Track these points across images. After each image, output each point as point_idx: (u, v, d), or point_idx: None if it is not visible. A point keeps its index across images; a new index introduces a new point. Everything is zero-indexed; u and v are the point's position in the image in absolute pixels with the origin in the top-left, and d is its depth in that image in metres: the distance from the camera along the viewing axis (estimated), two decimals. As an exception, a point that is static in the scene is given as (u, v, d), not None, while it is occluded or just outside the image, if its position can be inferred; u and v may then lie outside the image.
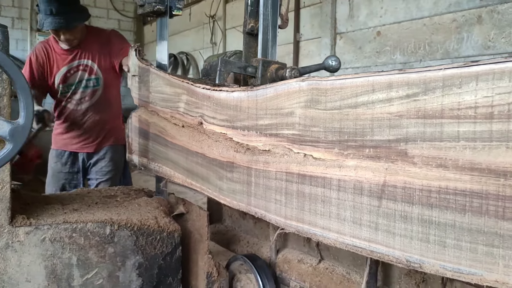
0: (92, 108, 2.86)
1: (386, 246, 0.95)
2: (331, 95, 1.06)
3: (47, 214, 1.66)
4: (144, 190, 2.18)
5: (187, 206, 1.96)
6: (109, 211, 1.75)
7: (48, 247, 1.59)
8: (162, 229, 1.73)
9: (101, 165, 2.93)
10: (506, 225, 0.76)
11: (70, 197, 1.98)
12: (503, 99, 0.75)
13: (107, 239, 1.65)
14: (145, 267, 1.71)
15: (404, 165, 0.91)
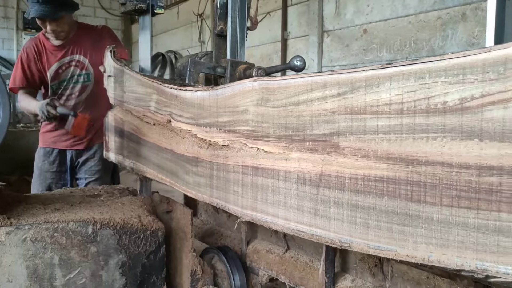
0: (82, 103, 2.87)
1: (323, 229, 1.08)
2: (278, 94, 1.19)
3: (28, 214, 1.66)
4: (128, 189, 2.20)
5: (171, 204, 1.99)
6: (92, 210, 1.77)
7: (29, 247, 1.58)
8: (146, 227, 1.74)
9: (90, 164, 2.93)
10: (413, 207, 0.89)
11: (52, 197, 2.00)
12: (410, 97, 0.88)
13: (90, 238, 1.65)
14: (128, 266, 1.72)
15: (336, 156, 1.04)
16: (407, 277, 1.43)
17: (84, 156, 2.97)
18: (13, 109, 8.44)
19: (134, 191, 2.17)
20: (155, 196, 2.03)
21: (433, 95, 0.84)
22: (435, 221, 0.85)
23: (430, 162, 0.85)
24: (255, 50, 8.72)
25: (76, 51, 2.84)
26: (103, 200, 1.97)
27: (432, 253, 0.86)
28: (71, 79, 2.85)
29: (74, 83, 2.85)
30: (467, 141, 0.79)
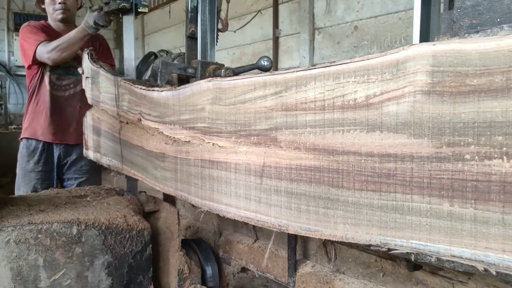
0: (75, 96, 2.92)
1: (266, 215, 1.23)
2: (229, 93, 1.33)
3: (12, 216, 1.68)
4: (115, 189, 2.24)
5: (158, 204, 2.04)
6: (77, 211, 1.78)
7: (13, 249, 1.59)
8: (131, 227, 1.77)
9: (81, 163, 2.96)
10: (334, 191, 1.03)
11: (38, 198, 2.02)
12: (330, 95, 1.03)
13: (74, 239, 1.67)
14: (114, 266, 1.74)
15: (275, 149, 1.18)
16: (359, 261, 1.57)
17: (74, 155, 2.97)
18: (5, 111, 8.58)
19: (121, 191, 2.22)
20: (142, 196, 2.09)
21: (346, 93, 0.99)
22: (350, 203, 1.00)
23: (345, 152, 1.00)
24: (247, 48, 8.86)
25: None
26: (89, 200, 1.99)
27: (348, 231, 1.01)
28: (68, 70, 2.91)
29: (71, 75, 2.91)
30: (372, 132, 0.94)
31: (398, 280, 1.47)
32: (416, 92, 0.85)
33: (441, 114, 0.82)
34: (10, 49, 9.53)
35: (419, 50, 0.85)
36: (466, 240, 0.80)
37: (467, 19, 1.05)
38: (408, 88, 0.86)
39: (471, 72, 0.77)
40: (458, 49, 0.79)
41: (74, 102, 2.92)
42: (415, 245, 0.88)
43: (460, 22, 1.06)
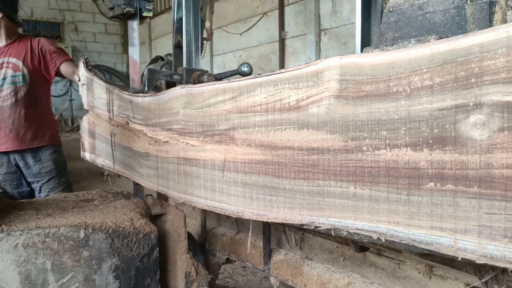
0: (18, 103, 3.16)
1: (227, 203, 1.47)
2: (198, 98, 1.58)
3: (19, 220, 1.76)
4: (122, 193, 2.35)
5: (165, 207, 2.12)
6: (84, 214, 1.86)
7: (21, 253, 1.66)
8: (138, 230, 1.83)
9: (39, 167, 3.20)
10: (276, 181, 1.27)
11: (45, 202, 2.12)
12: (271, 99, 1.27)
13: (82, 242, 1.73)
14: (122, 269, 1.80)
15: (233, 146, 1.43)
16: (324, 248, 1.81)
17: (29, 158, 3.20)
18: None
19: (128, 195, 2.32)
20: (149, 199, 2.20)
21: (283, 97, 1.23)
22: (287, 190, 1.24)
23: (283, 147, 1.24)
24: (253, 50, 9.12)
25: (10, 54, 3.18)
26: (96, 204, 2.10)
27: (286, 214, 1.24)
28: (4, 80, 3.15)
29: (10, 84, 3.16)
30: (301, 130, 1.18)
31: (355, 264, 1.70)
32: (330, 96, 1.09)
33: (347, 114, 1.06)
34: None
35: (331, 62, 1.08)
36: (365, 216, 1.03)
37: (391, 32, 1.29)
38: (325, 93, 1.10)
39: (365, 80, 1.01)
40: (356, 62, 1.02)
41: (18, 109, 3.16)
42: (332, 222, 1.11)
43: (386, 35, 1.30)
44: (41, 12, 10.56)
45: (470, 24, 1.14)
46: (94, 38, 11.80)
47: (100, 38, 11.27)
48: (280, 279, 1.92)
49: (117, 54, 11.84)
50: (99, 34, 11.38)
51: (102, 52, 11.91)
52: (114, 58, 12.06)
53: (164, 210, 2.11)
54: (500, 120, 0.78)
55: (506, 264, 0.79)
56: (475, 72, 0.81)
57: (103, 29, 11.15)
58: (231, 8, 9.07)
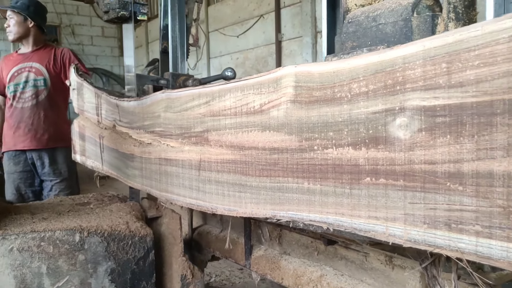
0: (38, 105, 3.51)
1: (203, 200, 1.62)
2: (176, 102, 1.73)
3: (15, 224, 1.80)
4: (118, 196, 2.43)
5: (161, 209, 2.18)
6: (80, 218, 1.90)
7: (16, 257, 1.69)
8: (134, 233, 1.87)
9: (54, 167, 3.52)
10: (244, 178, 1.42)
11: (41, 206, 2.18)
12: (239, 103, 1.41)
13: (77, 246, 1.76)
14: (117, 272, 1.83)
15: (207, 147, 1.57)
16: (300, 243, 1.95)
17: (46, 158, 3.53)
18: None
19: (124, 198, 2.40)
20: (144, 202, 2.27)
21: (249, 102, 1.37)
22: (253, 187, 1.38)
23: (250, 147, 1.38)
24: (250, 53, 9.27)
25: (34, 59, 3.52)
26: (92, 207, 2.15)
27: (253, 209, 1.39)
28: (27, 83, 3.50)
29: (32, 87, 3.49)
30: (264, 132, 1.32)
31: (328, 257, 1.85)
32: (287, 101, 1.24)
33: (301, 117, 1.20)
34: None
35: (288, 70, 1.23)
36: (317, 208, 1.18)
37: (350, 41, 1.44)
38: (283, 98, 1.25)
39: (315, 87, 1.15)
40: (308, 70, 1.17)
41: (38, 110, 3.49)
42: (290, 215, 1.26)
43: (346, 44, 1.45)
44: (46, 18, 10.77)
45: (416, 35, 1.29)
46: (91, 41, 11.98)
47: (97, 41, 11.46)
48: (259, 274, 2.06)
49: (114, 57, 12.02)
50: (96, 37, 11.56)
51: (99, 55, 12.10)
52: (111, 61, 12.25)
53: (160, 213, 2.17)
54: (419, 122, 0.93)
55: (426, 247, 0.94)
56: (400, 80, 0.96)
57: (100, 32, 11.34)
58: (228, 10, 9.22)
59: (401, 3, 1.33)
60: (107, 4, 2.35)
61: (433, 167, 0.91)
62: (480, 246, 0.85)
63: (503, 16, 0.81)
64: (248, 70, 9.08)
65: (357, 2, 1.54)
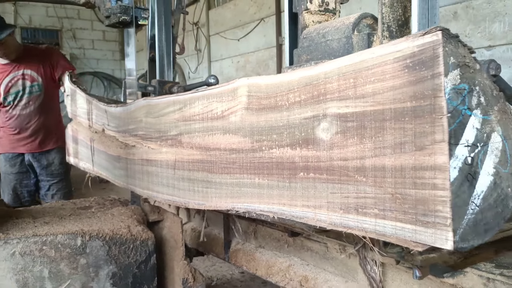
0: (35, 111, 3.74)
1: (177, 197, 1.87)
2: (155, 108, 1.99)
3: (17, 228, 1.85)
4: (119, 200, 2.52)
5: (162, 213, 2.26)
6: (81, 222, 1.96)
7: (18, 261, 1.74)
8: (135, 237, 1.92)
9: (51, 169, 3.80)
10: (210, 175, 1.67)
11: (43, 210, 2.25)
12: (205, 109, 1.67)
13: (79, 250, 1.81)
14: (119, 276, 1.88)
15: (181, 149, 1.83)
16: (273, 237, 2.20)
17: (44, 160, 3.79)
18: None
19: (125, 202, 2.48)
20: (146, 206, 2.36)
21: (213, 109, 1.63)
22: (217, 183, 1.63)
23: (214, 148, 1.63)
24: (251, 56, 9.53)
25: (25, 67, 3.71)
26: (94, 211, 2.23)
27: (217, 202, 1.64)
28: (24, 91, 3.73)
29: (29, 94, 3.74)
30: (225, 135, 1.58)
31: (296, 249, 2.09)
32: (242, 108, 1.49)
33: (253, 122, 1.45)
34: None
35: (242, 82, 1.48)
36: (265, 200, 1.43)
37: (305, 55, 1.69)
38: (239, 106, 1.50)
39: (262, 96, 1.41)
40: (257, 82, 1.42)
41: (35, 116, 3.74)
42: (246, 207, 1.51)
43: (301, 57, 1.71)
44: (39, 20, 11.13)
45: (356, 50, 1.54)
46: (92, 45, 12.33)
47: (98, 45, 11.82)
48: (237, 265, 2.31)
49: (115, 60, 12.37)
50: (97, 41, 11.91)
51: (100, 59, 12.46)
52: (112, 65, 12.60)
53: (161, 216, 2.26)
54: (336, 126, 1.18)
55: (342, 228, 1.18)
56: (322, 92, 1.21)
57: (101, 36, 11.69)
58: (229, 14, 9.48)
59: (344, 22, 1.58)
60: (108, 9, 2.47)
61: (346, 163, 1.16)
62: (378, 226, 1.09)
63: (389, 42, 1.06)
64: (249, 73, 9.34)
65: (314, 19, 1.79)
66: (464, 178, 0.97)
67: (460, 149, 0.96)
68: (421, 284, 1.62)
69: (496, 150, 1.03)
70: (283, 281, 2.05)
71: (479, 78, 1.00)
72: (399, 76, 1.02)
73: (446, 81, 0.94)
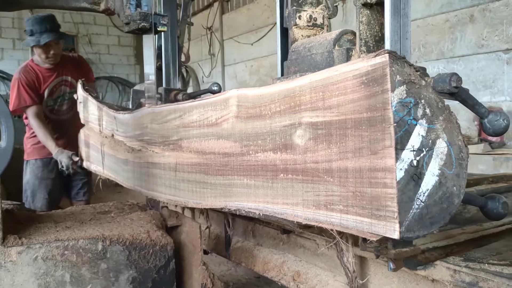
0: (74, 117, 3.84)
1: (178, 197, 2.08)
2: (159, 115, 2.21)
3: (39, 233, 1.90)
4: (138, 205, 2.59)
5: (180, 218, 2.31)
6: (102, 227, 2.01)
7: (40, 266, 1.78)
8: (155, 242, 1.97)
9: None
10: (206, 177, 1.87)
11: (64, 214, 2.32)
12: (202, 117, 1.88)
13: (100, 255, 1.85)
14: (139, 281, 1.92)
15: (181, 152, 2.04)
16: (270, 236, 2.40)
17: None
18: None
19: (144, 207, 2.56)
20: (164, 211, 2.42)
21: (208, 116, 1.84)
22: (212, 184, 1.84)
23: (210, 152, 1.84)
24: (264, 60, 9.74)
25: (64, 73, 3.98)
26: (113, 216, 2.29)
27: (212, 201, 1.85)
28: (64, 96, 4.00)
29: (68, 100, 4.00)
30: (219, 140, 1.78)
31: (290, 246, 2.29)
32: (232, 116, 1.69)
33: (242, 129, 1.66)
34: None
35: (233, 93, 1.69)
36: (252, 198, 1.63)
37: (293, 67, 1.90)
38: (230, 114, 1.71)
39: (249, 106, 1.61)
40: (245, 93, 1.63)
41: (73, 121, 3.91)
42: (236, 205, 1.71)
43: (290, 69, 1.91)
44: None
45: (336, 63, 1.73)
46: (107, 50, 12.68)
47: (114, 50, 12.16)
48: (236, 262, 2.52)
49: (130, 65, 12.71)
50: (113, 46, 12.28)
51: (115, 64, 12.81)
52: (127, 70, 12.93)
53: (179, 221, 2.31)
54: (309, 133, 1.37)
55: (314, 223, 1.38)
56: (298, 103, 1.41)
57: (116, 41, 12.04)
58: (242, 19, 9.69)
59: (327, 38, 1.78)
60: (128, 16, 2.51)
61: (317, 165, 1.35)
62: (342, 220, 1.29)
63: (350, 62, 1.25)
64: (263, 77, 9.52)
65: (304, 33, 1.99)
66: (410, 178, 1.16)
67: (406, 153, 1.15)
68: (400, 277, 1.81)
69: (442, 154, 1.21)
70: (277, 276, 2.24)
71: (424, 93, 1.19)
72: (357, 91, 1.21)
73: (393, 95, 1.13)
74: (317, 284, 2.07)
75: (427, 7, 7.09)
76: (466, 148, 1.25)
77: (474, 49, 6.62)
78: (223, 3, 9.94)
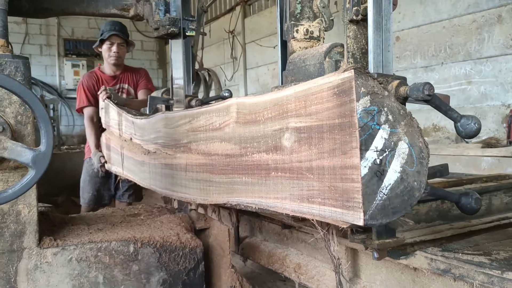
0: None
1: (188, 194, 2.35)
2: (172, 121, 2.49)
3: (73, 235, 1.99)
4: (167, 208, 2.73)
5: (209, 221, 2.42)
6: (132, 229, 2.10)
7: (75, 267, 1.86)
8: (184, 245, 2.05)
9: None
10: (211, 176, 2.14)
11: (95, 217, 2.44)
12: (208, 122, 2.15)
13: (131, 257, 1.93)
14: (169, 283, 2.00)
15: (190, 154, 2.32)
16: (274, 232, 2.66)
17: None
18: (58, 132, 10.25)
19: (172, 209, 2.68)
20: (193, 214, 2.55)
21: (213, 121, 2.11)
22: (216, 182, 2.11)
23: (214, 154, 2.11)
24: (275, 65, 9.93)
25: (123, 81, 4.37)
26: (143, 219, 2.42)
27: (217, 198, 2.11)
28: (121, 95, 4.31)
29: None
30: (222, 143, 2.05)
31: (292, 241, 2.54)
32: (233, 121, 1.96)
33: (240, 133, 1.92)
34: (61, 73, 11.40)
35: (233, 101, 1.96)
36: (249, 194, 1.89)
37: (290, 77, 2.16)
38: (231, 120, 1.98)
39: (247, 112, 1.88)
40: (243, 101, 1.89)
41: None
42: (236, 200, 1.98)
43: (287, 78, 2.17)
44: (81, 32, 12.00)
45: (326, 73, 1.98)
46: (131, 55, 13.10)
47: (137, 55, 12.56)
48: (245, 257, 2.78)
49: (153, 69, 13.12)
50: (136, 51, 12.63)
51: (139, 68, 13.21)
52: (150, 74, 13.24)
53: (208, 224, 2.43)
54: (294, 136, 1.63)
55: (299, 214, 1.63)
56: (285, 110, 1.66)
57: (139, 46, 12.42)
58: (264, 22, 9.91)
59: (319, 50, 2.03)
60: (157, 21, 2.64)
61: (301, 164, 1.61)
62: (321, 211, 1.54)
63: (325, 75, 1.51)
64: (285, 80, 9.64)
65: (301, 45, 2.25)
66: (373, 174, 1.40)
67: (370, 153, 1.40)
68: (387, 267, 2.05)
69: (403, 154, 1.46)
70: (281, 268, 2.50)
71: (387, 102, 1.44)
72: (331, 100, 1.46)
73: (358, 105, 1.38)
74: (316, 275, 2.31)
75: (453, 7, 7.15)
76: (427, 149, 1.49)
77: (502, 49, 6.62)
78: (245, 7, 10.20)
